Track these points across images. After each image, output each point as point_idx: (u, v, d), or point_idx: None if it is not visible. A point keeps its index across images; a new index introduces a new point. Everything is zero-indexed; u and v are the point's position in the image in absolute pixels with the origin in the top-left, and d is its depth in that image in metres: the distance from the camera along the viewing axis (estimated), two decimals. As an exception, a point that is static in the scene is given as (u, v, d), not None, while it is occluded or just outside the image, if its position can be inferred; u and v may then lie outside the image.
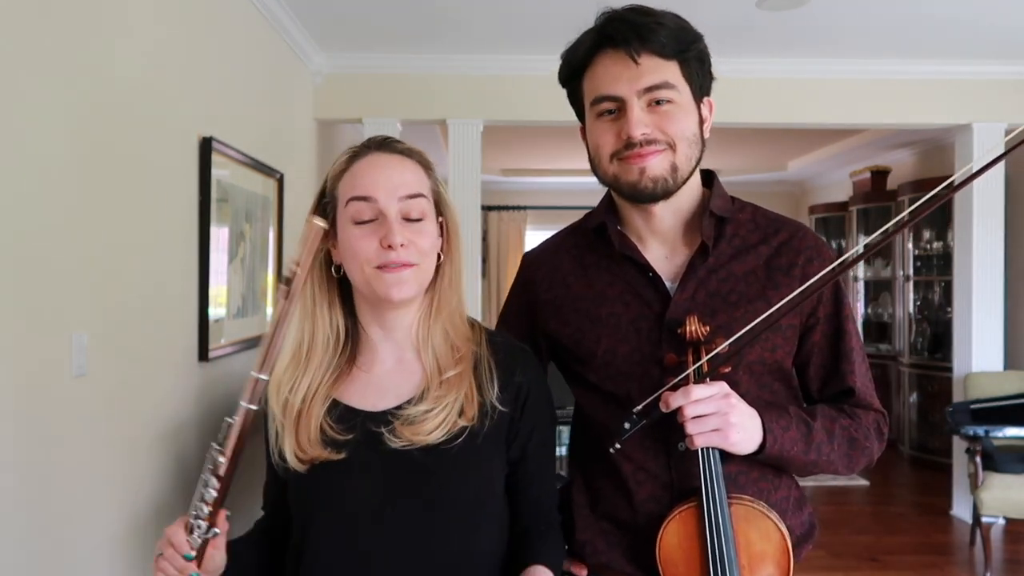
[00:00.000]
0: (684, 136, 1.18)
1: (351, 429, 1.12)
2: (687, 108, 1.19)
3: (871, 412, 1.26)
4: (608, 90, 1.18)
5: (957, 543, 4.30)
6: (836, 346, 1.26)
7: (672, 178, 1.19)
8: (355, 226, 1.11)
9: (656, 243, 1.28)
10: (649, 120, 1.16)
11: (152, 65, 2.14)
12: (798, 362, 1.27)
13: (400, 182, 1.12)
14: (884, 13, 3.49)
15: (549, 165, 7.64)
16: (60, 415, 1.71)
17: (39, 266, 1.64)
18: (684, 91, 1.18)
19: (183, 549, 1.03)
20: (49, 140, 1.67)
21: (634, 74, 1.15)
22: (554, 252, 1.37)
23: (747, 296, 1.22)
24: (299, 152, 3.81)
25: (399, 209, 1.10)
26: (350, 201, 1.11)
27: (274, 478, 1.20)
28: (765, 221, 1.29)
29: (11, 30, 1.54)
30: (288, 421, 1.13)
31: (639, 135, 1.16)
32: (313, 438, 1.10)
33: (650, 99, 1.16)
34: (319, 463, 1.10)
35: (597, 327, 1.25)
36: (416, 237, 1.11)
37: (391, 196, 1.10)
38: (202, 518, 1.04)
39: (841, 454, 1.21)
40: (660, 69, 1.16)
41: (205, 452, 1.05)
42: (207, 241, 2.48)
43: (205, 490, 1.05)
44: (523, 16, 3.51)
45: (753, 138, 6.20)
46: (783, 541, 1.16)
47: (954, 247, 4.66)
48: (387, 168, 1.12)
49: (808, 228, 1.30)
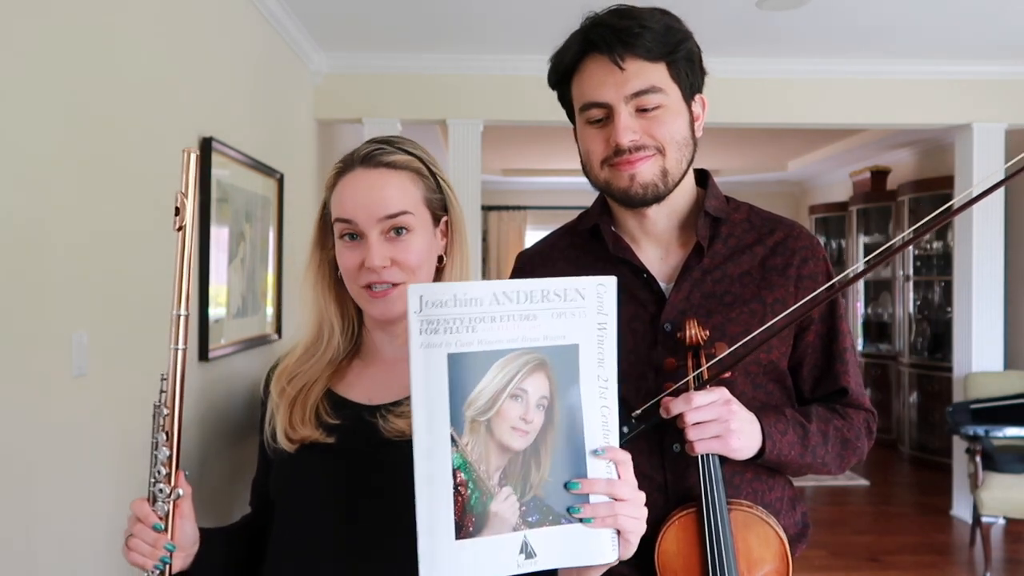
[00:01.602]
0: (673, 140, 1.17)
1: (344, 417, 1.11)
2: (676, 110, 1.18)
3: (861, 412, 1.27)
4: (595, 96, 1.17)
5: (957, 543, 4.30)
6: (830, 347, 1.26)
7: (663, 183, 1.18)
8: (342, 243, 1.11)
9: (651, 244, 1.27)
10: (637, 125, 1.16)
11: (152, 65, 2.14)
12: (792, 362, 1.27)
13: (380, 201, 1.08)
14: (884, 13, 3.49)
15: (549, 165, 7.64)
16: (60, 415, 1.71)
17: (39, 266, 1.64)
18: (673, 93, 1.17)
19: (151, 519, 1.01)
20: (49, 140, 1.67)
21: (620, 79, 1.14)
22: (549, 252, 1.36)
23: (742, 297, 1.22)
24: (299, 152, 3.81)
25: (380, 229, 1.08)
26: (335, 222, 1.11)
27: (263, 470, 1.19)
28: (760, 221, 1.28)
29: (11, 30, 1.54)
30: (283, 402, 1.13)
31: (627, 142, 1.15)
32: (307, 418, 1.10)
33: (637, 104, 1.15)
34: (308, 444, 1.09)
35: None
36: (401, 254, 1.09)
37: (371, 218, 1.08)
38: (161, 481, 1.02)
39: (834, 455, 1.22)
40: (646, 73, 1.14)
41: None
42: (207, 241, 2.48)
43: (157, 452, 1.02)
44: (523, 16, 3.51)
45: (753, 138, 6.20)
46: (782, 546, 1.17)
47: (954, 247, 4.66)
48: (369, 188, 1.09)
49: (803, 227, 1.30)
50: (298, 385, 1.14)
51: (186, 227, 1.02)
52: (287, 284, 3.35)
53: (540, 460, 0.86)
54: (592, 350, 0.88)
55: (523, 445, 0.85)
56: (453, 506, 0.83)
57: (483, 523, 0.83)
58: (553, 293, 0.87)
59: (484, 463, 0.84)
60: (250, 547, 1.19)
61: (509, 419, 0.85)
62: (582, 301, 0.88)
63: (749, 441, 1.13)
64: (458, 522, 0.83)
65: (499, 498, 0.84)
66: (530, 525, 0.84)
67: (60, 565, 1.73)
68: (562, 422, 0.86)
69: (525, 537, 0.84)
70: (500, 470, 0.84)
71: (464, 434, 0.84)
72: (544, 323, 0.86)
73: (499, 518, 0.84)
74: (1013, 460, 3.95)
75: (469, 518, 0.83)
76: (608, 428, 0.88)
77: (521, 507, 0.84)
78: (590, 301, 0.88)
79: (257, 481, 1.23)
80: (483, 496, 0.84)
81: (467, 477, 0.84)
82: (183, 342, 1.04)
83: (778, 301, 1.20)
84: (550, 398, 0.86)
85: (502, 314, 0.85)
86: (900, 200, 6.13)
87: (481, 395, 0.84)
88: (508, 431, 0.85)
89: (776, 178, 8.18)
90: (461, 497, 0.83)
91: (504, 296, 0.85)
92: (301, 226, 3.50)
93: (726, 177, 7.72)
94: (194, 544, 1.07)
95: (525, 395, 0.85)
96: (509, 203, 8.42)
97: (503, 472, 0.84)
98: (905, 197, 6.02)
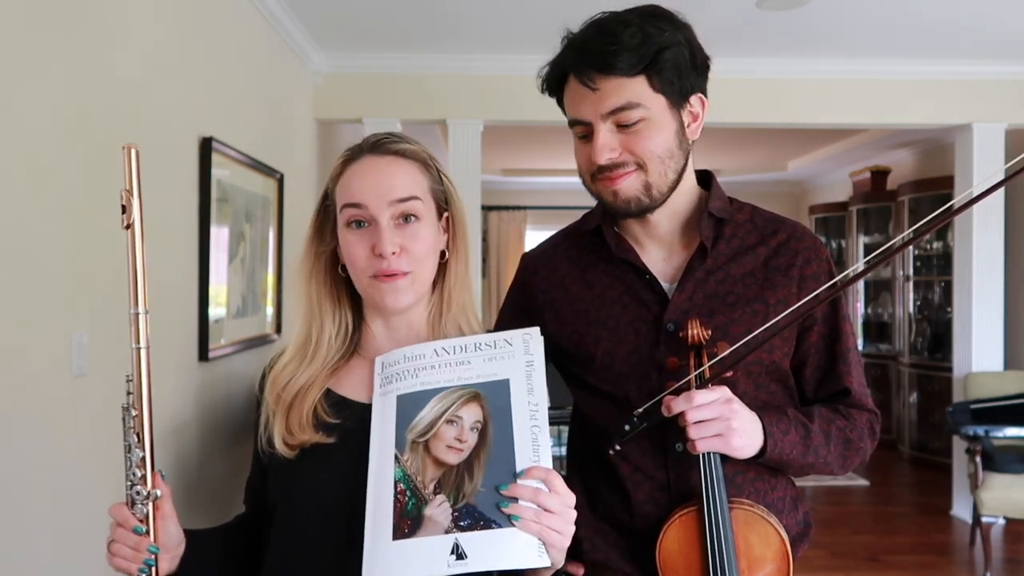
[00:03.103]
0: (654, 155, 1.16)
1: (344, 417, 1.10)
2: (659, 122, 1.16)
3: (864, 412, 1.26)
4: (576, 115, 1.18)
5: (957, 543, 4.30)
6: (832, 347, 1.26)
7: (647, 196, 1.18)
8: (349, 231, 1.09)
9: (654, 245, 1.28)
10: (617, 142, 1.16)
11: (152, 65, 2.14)
12: (795, 363, 1.27)
13: (391, 185, 1.09)
14: (884, 13, 3.49)
15: (549, 165, 7.64)
16: (60, 415, 1.71)
17: (39, 266, 1.64)
18: (655, 104, 1.15)
19: (131, 523, 1.00)
20: (49, 140, 1.67)
21: (595, 99, 1.14)
22: (552, 254, 1.36)
23: (745, 297, 1.22)
24: (299, 152, 3.81)
25: (391, 214, 1.08)
26: (343, 208, 1.10)
27: (258, 470, 1.18)
28: (763, 222, 1.29)
29: (10, 30, 1.54)
30: (280, 408, 1.11)
31: (604, 160, 1.16)
32: (304, 422, 1.08)
33: (616, 120, 1.15)
34: (307, 447, 1.08)
35: (595, 328, 1.25)
36: (410, 242, 1.09)
37: (381, 201, 1.08)
38: (138, 484, 1.01)
39: (837, 455, 1.22)
40: (621, 90, 1.13)
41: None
42: (207, 241, 2.48)
43: (131, 455, 1.01)
44: (523, 16, 3.51)
45: (753, 138, 6.20)
46: (783, 545, 1.17)
47: (954, 247, 4.66)
48: (378, 172, 1.10)
49: (806, 228, 1.30)
50: (293, 390, 1.12)
51: (134, 224, 1.01)
52: (287, 284, 3.35)
53: (473, 472, 0.97)
54: (522, 383, 1.01)
55: (457, 460, 0.98)
56: (392, 511, 0.96)
57: (418, 525, 0.95)
58: (484, 344, 1.04)
59: (421, 475, 0.98)
60: (246, 547, 1.18)
61: (445, 439, 0.99)
62: (510, 347, 1.03)
63: (750, 440, 1.13)
64: (396, 524, 0.96)
65: (433, 504, 0.96)
66: (461, 529, 0.94)
67: (59, 565, 1.73)
68: (495, 441, 0.99)
69: (456, 539, 0.94)
70: (435, 481, 0.97)
71: (405, 452, 0.99)
72: (478, 366, 1.03)
73: (432, 521, 0.95)
74: (1013, 460, 3.96)
75: (405, 521, 0.96)
76: (538, 445, 0.98)
77: (454, 512, 0.95)
78: (517, 346, 1.03)
79: (252, 480, 1.22)
80: (419, 502, 0.96)
81: (406, 487, 0.97)
82: (144, 341, 1.02)
83: (781, 302, 1.20)
84: (483, 422, 1.00)
85: (441, 363, 1.04)
86: (900, 200, 6.13)
87: (421, 422, 1.01)
88: (444, 449, 0.99)
89: (776, 178, 8.18)
90: (399, 503, 0.97)
91: (443, 350, 1.05)
92: (301, 226, 3.49)
93: (726, 177, 7.72)
94: (179, 545, 1.06)
95: (460, 420, 1.00)
96: (509, 203, 8.42)
97: (438, 482, 0.97)
98: (905, 197, 6.02)
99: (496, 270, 8.38)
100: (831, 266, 1.26)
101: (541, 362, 1.02)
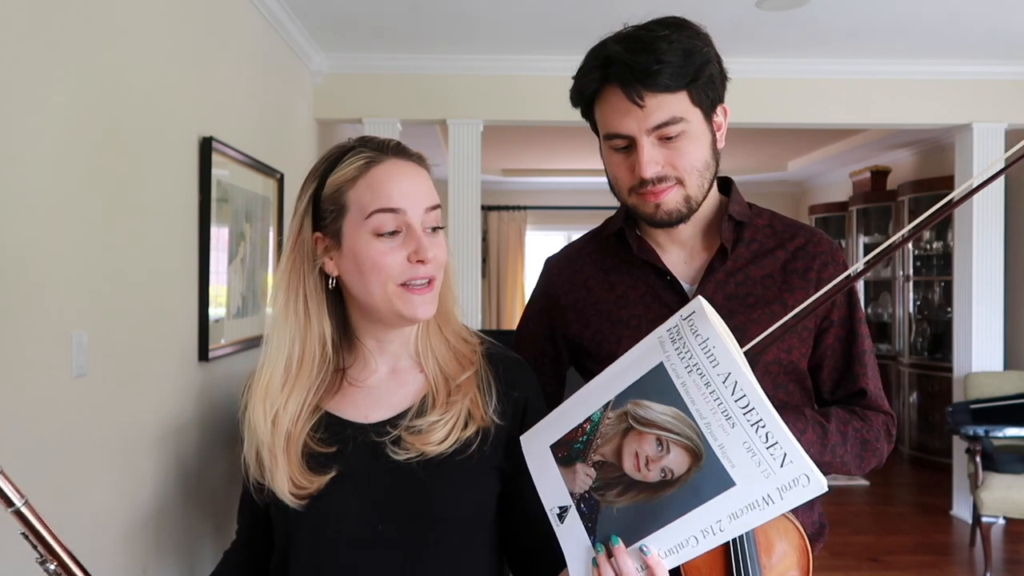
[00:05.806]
0: (694, 169, 1.19)
1: (342, 441, 1.06)
2: (698, 135, 1.19)
3: (880, 414, 1.28)
4: (617, 128, 1.18)
5: (957, 543, 4.30)
6: (849, 349, 1.28)
7: (687, 207, 1.21)
8: (377, 240, 1.03)
9: (675, 248, 1.30)
10: (660, 155, 1.17)
11: (152, 65, 2.14)
12: (812, 364, 1.29)
13: (424, 192, 1.06)
14: (884, 13, 3.49)
15: (549, 165, 7.64)
16: (60, 415, 1.71)
17: (39, 266, 1.64)
18: (695, 117, 1.17)
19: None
20: (49, 140, 1.67)
21: (640, 115, 1.15)
22: (575, 257, 1.39)
23: (764, 299, 1.24)
24: (299, 152, 3.81)
25: (424, 221, 1.05)
26: (374, 213, 1.02)
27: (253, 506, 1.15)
28: (782, 227, 1.31)
29: (10, 30, 1.54)
30: (278, 443, 1.04)
31: (651, 175, 1.17)
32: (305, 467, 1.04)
33: (659, 134, 1.16)
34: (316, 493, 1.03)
35: (618, 329, 1.27)
36: (438, 251, 1.06)
37: (418, 207, 1.04)
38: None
39: (854, 455, 1.23)
40: (666, 105, 1.14)
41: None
42: (207, 241, 2.47)
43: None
44: (524, 16, 3.50)
45: (753, 138, 6.20)
46: (802, 541, 1.17)
47: (954, 247, 4.66)
48: (411, 177, 1.05)
49: (823, 234, 1.33)
50: (283, 430, 1.05)
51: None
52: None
53: (627, 495, 0.90)
54: (740, 512, 0.86)
55: (627, 471, 0.90)
56: (567, 432, 0.95)
57: (567, 463, 0.94)
58: (767, 445, 0.84)
59: (601, 439, 0.92)
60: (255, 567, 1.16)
61: (639, 445, 0.89)
62: (774, 471, 0.84)
63: None
64: (562, 441, 0.95)
65: (581, 469, 0.93)
66: (579, 509, 0.93)
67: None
68: (663, 502, 0.89)
69: (571, 508, 0.93)
70: (603, 459, 0.92)
71: (616, 409, 0.92)
72: (733, 442, 0.84)
73: (574, 475, 0.93)
74: (1013, 460, 3.96)
75: (565, 448, 0.95)
76: (682, 547, 0.89)
77: (587, 493, 0.93)
78: (777, 478, 0.84)
79: (245, 500, 1.17)
80: (584, 451, 0.94)
81: (588, 432, 0.93)
82: (20, 499, 0.98)
83: (799, 303, 1.22)
84: (674, 475, 0.88)
85: (717, 387, 0.85)
86: (900, 200, 6.13)
87: (647, 409, 0.89)
88: (631, 452, 0.90)
89: (776, 178, 8.18)
90: (576, 432, 0.94)
91: (738, 388, 0.84)
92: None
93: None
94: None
95: (664, 451, 0.88)
96: (509, 203, 8.42)
97: (602, 465, 0.92)
98: (905, 197, 6.02)
99: (496, 270, 8.38)
100: (848, 270, 1.27)
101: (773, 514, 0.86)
